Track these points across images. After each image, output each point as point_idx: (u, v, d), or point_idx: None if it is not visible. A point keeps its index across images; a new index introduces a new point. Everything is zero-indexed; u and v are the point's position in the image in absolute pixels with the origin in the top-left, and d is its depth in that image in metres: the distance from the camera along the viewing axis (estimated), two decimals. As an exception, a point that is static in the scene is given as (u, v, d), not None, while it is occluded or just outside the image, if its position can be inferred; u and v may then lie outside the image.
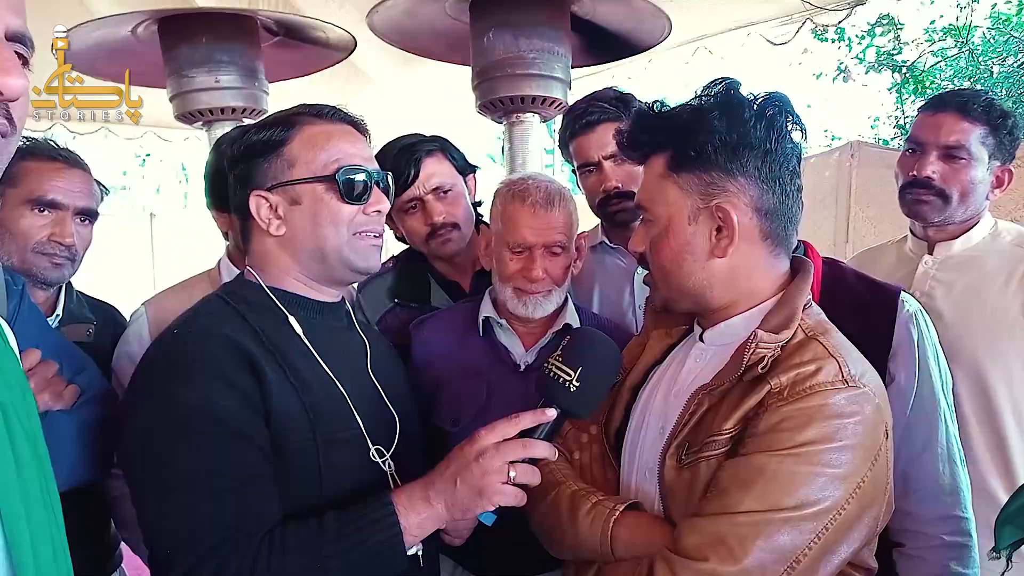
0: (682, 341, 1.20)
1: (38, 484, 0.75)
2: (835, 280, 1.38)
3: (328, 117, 1.13)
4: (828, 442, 0.91)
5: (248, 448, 0.99)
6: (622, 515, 1.03)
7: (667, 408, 1.09)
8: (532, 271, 1.46)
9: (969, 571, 1.25)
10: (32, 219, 1.52)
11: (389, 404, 1.20)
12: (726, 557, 0.88)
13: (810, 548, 0.90)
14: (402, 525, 0.98)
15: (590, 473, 1.18)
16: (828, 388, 0.94)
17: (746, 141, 1.01)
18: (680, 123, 1.04)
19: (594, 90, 1.87)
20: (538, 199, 1.47)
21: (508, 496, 1.00)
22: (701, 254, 1.04)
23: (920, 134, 1.69)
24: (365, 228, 1.12)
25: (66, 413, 1.20)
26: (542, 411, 1.03)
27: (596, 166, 1.80)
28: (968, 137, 1.62)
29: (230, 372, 0.99)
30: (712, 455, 0.97)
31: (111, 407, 1.31)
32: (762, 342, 0.97)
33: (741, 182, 1.02)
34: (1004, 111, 1.65)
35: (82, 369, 1.32)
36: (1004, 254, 1.67)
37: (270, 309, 1.11)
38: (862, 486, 0.92)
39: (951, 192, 1.64)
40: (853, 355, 1.01)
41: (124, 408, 1.05)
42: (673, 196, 1.04)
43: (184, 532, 0.94)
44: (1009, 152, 1.67)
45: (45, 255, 1.54)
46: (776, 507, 0.89)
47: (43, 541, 0.73)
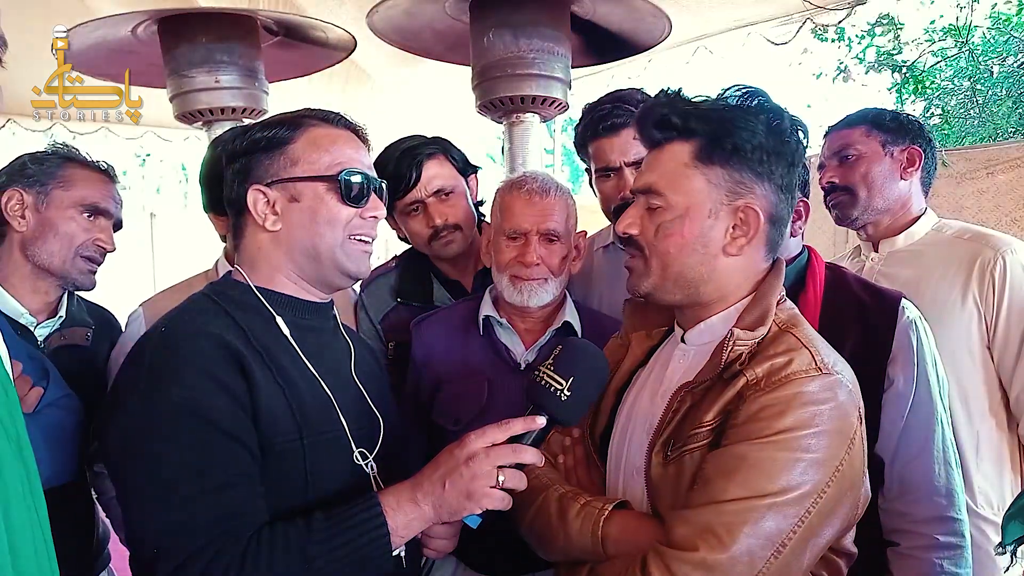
0: (663, 342, 1.22)
1: (20, 482, 0.74)
2: (838, 286, 1.41)
3: (333, 122, 1.15)
4: (805, 428, 0.94)
5: (236, 448, 0.98)
6: (612, 514, 1.04)
7: (653, 408, 1.11)
8: (527, 255, 1.48)
9: (962, 571, 1.28)
10: (82, 222, 1.57)
11: (373, 407, 1.20)
12: (715, 545, 0.90)
13: (794, 532, 0.92)
14: (389, 526, 0.99)
15: (575, 476, 1.20)
16: (802, 376, 0.97)
17: (779, 149, 1.04)
18: (721, 116, 1.05)
19: (618, 89, 1.82)
20: (534, 187, 1.51)
21: (495, 500, 1.00)
22: (713, 249, 1.06)
23: (821, 155, 1.92)
24: (360, 232, 1.14)
25: (29, 416, 1.21)
26: (532, 418, 1.04)
27: (616, 171, 1.76)
28: (850, 137, 1.82)
29: (219, 371, 0.99)
30: (695, 447, 1.00)
31: (75, 412, 1.33)
32: (739, 340, 1.00)
33: (766, 187, 1.05)
34: (880, 110, 1.86)
35: (45, 375, 1.33)
36: (946, 245, 1.75)
37: (257, 309, 1.11)
38: (840, 469, 0.95)
39: (854, 187, 1.80)
40: (824, 346, 1.04)
41: (110, 405, 1.04)
42: (698, 186, 1.05)
43: (171, 532, 0.94)
44: (908, 134, 1.80)
45: (86, 259, 1.59)
46: (760, 493, 0.92)
47: (24, 539, 0.72)
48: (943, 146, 5.22)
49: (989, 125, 7.29)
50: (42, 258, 1.55)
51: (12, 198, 1.53)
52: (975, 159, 4.47)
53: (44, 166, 1.56)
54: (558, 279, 1.52)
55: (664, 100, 1.09)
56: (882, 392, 1.33)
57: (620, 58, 2.81)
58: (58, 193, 1.56)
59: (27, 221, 1.54)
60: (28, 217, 1.54)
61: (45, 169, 1.56)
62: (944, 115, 7.67)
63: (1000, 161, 4.37)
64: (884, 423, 1.32)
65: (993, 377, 1.68)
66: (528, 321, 1.56)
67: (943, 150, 2.54)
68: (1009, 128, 7.18)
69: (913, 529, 1.29)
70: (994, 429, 1.68)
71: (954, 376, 1.64)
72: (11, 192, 1.53)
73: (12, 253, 1.55)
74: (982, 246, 1.69)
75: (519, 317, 1.56)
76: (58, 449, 1.28)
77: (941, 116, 7.66)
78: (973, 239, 1.73)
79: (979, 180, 4.40)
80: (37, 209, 1.54)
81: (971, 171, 4.42)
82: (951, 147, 6.00)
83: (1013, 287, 1.63)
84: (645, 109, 1.11)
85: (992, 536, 1.61)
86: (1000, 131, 7.18)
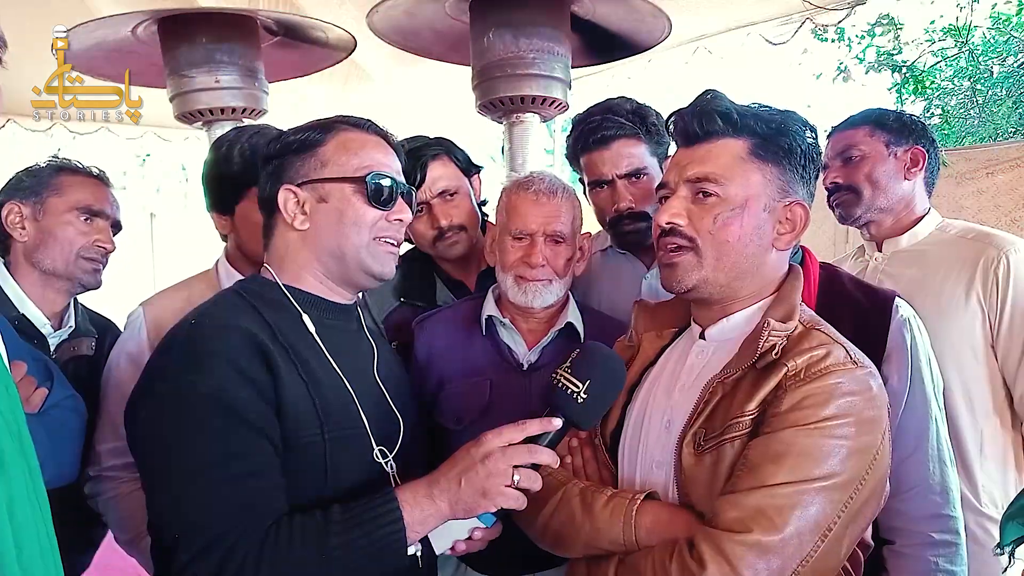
0: (674, 342, 1.24)
1: (23, 481, 0.75)
2: (832, 285, 1.42)
3: (363, 128, 1.19)
4: (846, 417, 0.98)
5: (259, 439, 1.01)
6: (643, 504, 1.06)
7: (672, 403, 1.13)
8: (532, 256, 1.48)
9: (957, 568, 1.29)
10: (79, 226, 1.62)
11: (394, 407, 1.23)
12: (768, 527, 0.93)
13: (839, 517, 0.96)
14: (405, 521, 1.00)
15: (584, 474, 1.21)
16: (841, 368, 1.01)
17: (815, 157, 1.12)
18: (772, 118, 1.11)
19: (608, 98, 1.78)
20: (541, 188, 1.51)
21: (510, 499, 1.02)
22: (766, 241, 1.11)
23: (825, 155, 1.89)
24: (386, 234, 1.17)
25: (34, 416, 1.23)
26: (548, 420, 1.06)
27: (609, 183, 1.72)
28: (854, 138, 1.82)
29: (245, 364, 1.02)
30: (736, 436, 1.02)
31: (79, 413, 1.35)
32: (774, 330, 1.03)
33: (805, 192, 1.13)
34: (883, 111, 1.86)
35: (49, 375, 1.35)
36: (949, 245, 1.75)
37: (285, 306, 1.14)
38: (876, 458, 0.99)
39: (858, 186, 1.80)
40: (849, 343, 1.08)
41: (138, 395, 1.07)
42: (756, 180, 1.10)
43: (193, 517, 0.96)
44: (911, 135, 1.80)
45: (89, 260, 1.63)
46: (808, 478, 0.95)
47: (29, 538, 0.73)
48: (943, 146, 5.21)
49: (989, 125, 7.29)
50: (46, 264, 1.60)
51: (11, 211, 1.59)
52: (975, 159, 4.47)
53: (38, 177, 1.63)
54: (562, 280, 1.52)
55: (722, 97, 1.14)
56: None
57: (620, 58, 2.81)
58: (53, 200, 1.61)
59: (27, 231, 1.60)
60: (28, 227, 1.60)
61: (39, 180, 1.62)
62: (944, 115, 7.67)
63: (1000, 161, 4.37)
64: None
65: (997, 376, 1.68)
66: (531, 321, 1.56)
67: (943, 150, 2.54)
68: (1009, 128, 7.19)
69: (908, 527, 1.30)
70: (998, 428, 1.68)
71: (958, 375, 1.65)
72: (9, 206, 1.59)
73: (20, 265, 1.61)
74: (986, 245, 1.69)
75: (522, 317, 1.56)
76: (62, 450, 1.28)
77: (941, 116, 7.67)
78: (977, 238, 1.73)
79: (979, 180, 4.40)
80: (35, 218, 1.60)
81: (971, 171, 4.42)
82: (951, 147, 6.00)
83: (1017, 286, 1.63)
84: (704, 102, 1.14)
85: (996, 535, 1.61)
86: (1000, 131, 7.18)
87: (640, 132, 1.69)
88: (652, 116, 1.71)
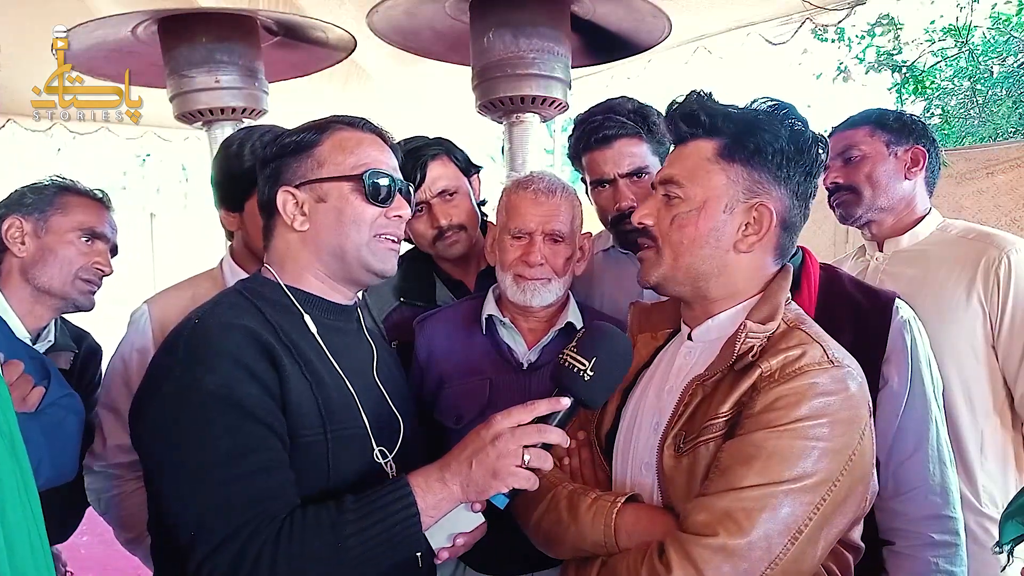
0: (668, 343, 1.24)
1: (14, 482, 0.74)
2: (832, 286, 1.42)
3: (358, 126, 1.19)
4: (819, 417, 0.97)
5: (268, 434, 1.01)
6: (623, 507, 1.06)
7: (660, 404, 1.13)
8: (531, 255, 1.48)
9: (956, 569, 1.29)
10: (80, 246, 1.64)
11: (394, 408, 1.23)
12: (734, 531, 0.92)
13: (810, 519, 0.94)
14: (419, 505, 1.01)
15: (580, 476, 1.22)
16: (816, 368, 0.99)
17: (799, 157, 1.09)
18: (747, 118, 1.09)
19: (609, 98, 1.80)
20: (540, 187, 1.51)
21: (521, 479, 1.02)
22: (724, 243, 1.09)
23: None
24: (385, 231, 1.17)
25: (31, 415, 1.22)
26: (556, 399, 1.06)
27: (611, 183, 1.74)
28: (854, 138, 1.82)
29: (250, 361, 1.02)
30: (710, 438, 1.02)
31: (76, 411, 1.36)
32: (751, 332, 1.03)
33: (782, 191, 1.09)
34: (883, 111, 1.86)
35: (46, 374, 1.36)
36: (950, 245, 1.75)
37: (286, 307, 1.14)
38: (852, 459, 0.98)
39: (858, 186, 1.79)
40: (831, 341, 1.07)
41: (144, 395, 1.07)
42: (717, 181, 1.09)
43: (208, 515, 0.97)
44: (912, 134, 1.80)
45: (86, 281, 1.65)
46: (777, 480, 0.94)
47: (20, 537, 0.73)
48: (943, 146, 5.21)
49: (989, 125, 7.29)
50: (42, 281, 1.61)
51: (12, 225, 1.60)
52: (975, 159, 4.47)
53: (42, 195, 1.64)
54: (562, 279, 1.52)
55: (696, 98, 1.12)
56: (877, 391, 1.33)
57: (620, 58, 2.81)
58: (57, 219, 1.62)
59: (27, 247, 1.61)
60: (28, 243, 1.61)
61: (43, 197, 1.64)
62: (944, 115, 7.67)
63: (1000, 161, 4.37)
64: (879, 422, 1.32)
65: (997, 376, 1.68)
66: (531, 321, 1.56)
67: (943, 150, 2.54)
68: (1009, 128, 7.19)
69: (908, 528, 1.30)
70: (998, 428, 1.68)
71: (958, 375, 1.65)
72: (11, 220, 1.60)
73: (12, 278, 1.61)
74: (987, 245, 1.69)
75: (522, 317, 1.56)
76: (60, 449, 1.29)
77: (941, 116, 7.67)
78: (978, 238, 1.73)
79: (979, 180, 4.40)
80: (36, 235, 1.61)
81: (971, 171, 4.42)
82: (951, 147, 6.00)
83: (1018, 286, 1.63)
84: (677, 105, 1.14)
85: (996, 534, 1.61)
86: (1000, 131, 7.18)
87: (642, 131, 1.71)
88: (653, 116, 1.73)
